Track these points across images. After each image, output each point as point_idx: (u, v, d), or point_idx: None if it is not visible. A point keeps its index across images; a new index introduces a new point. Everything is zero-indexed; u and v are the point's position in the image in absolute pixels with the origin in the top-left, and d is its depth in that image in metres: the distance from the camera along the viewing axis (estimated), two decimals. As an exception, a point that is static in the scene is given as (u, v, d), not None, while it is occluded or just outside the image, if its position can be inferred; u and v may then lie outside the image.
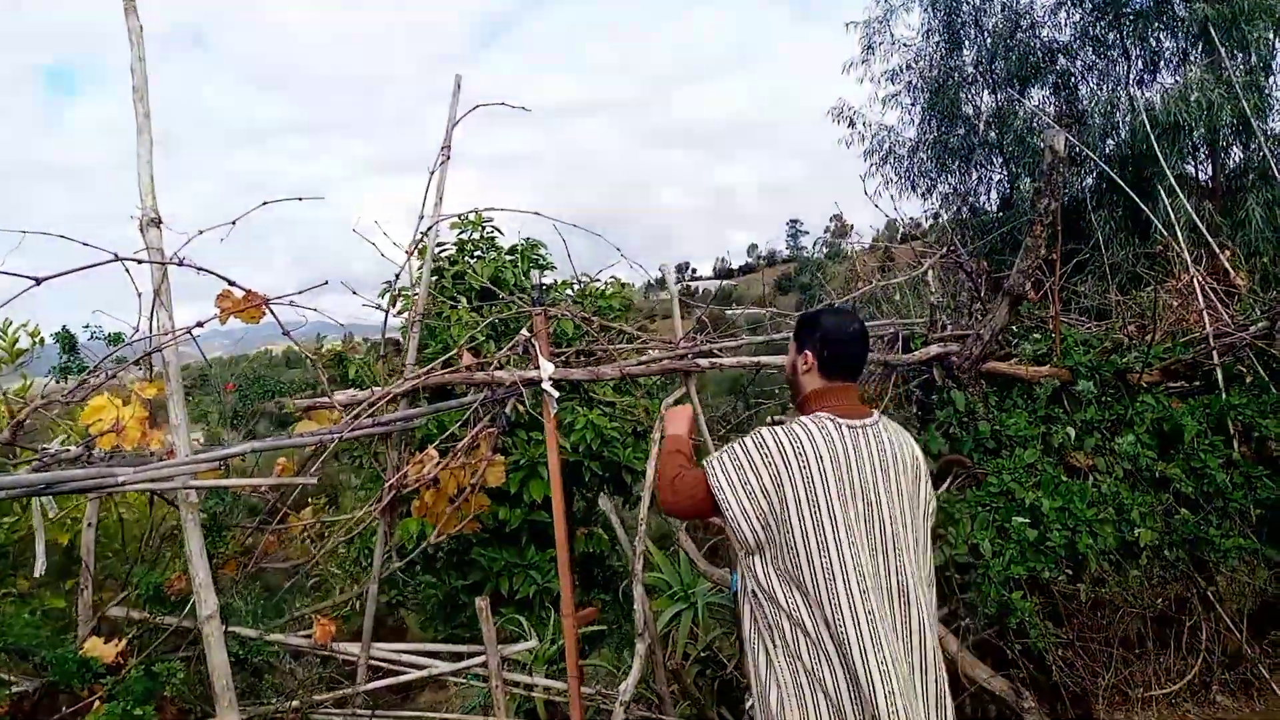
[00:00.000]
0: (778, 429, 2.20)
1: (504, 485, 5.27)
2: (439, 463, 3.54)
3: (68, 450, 2.78)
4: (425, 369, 3.37)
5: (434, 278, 6.04)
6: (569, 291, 6.10)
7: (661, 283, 4.27)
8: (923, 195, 16.15)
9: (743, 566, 2.26)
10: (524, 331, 3.66)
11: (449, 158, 3.66)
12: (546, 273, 6.30)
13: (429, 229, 3.53)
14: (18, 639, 2.85)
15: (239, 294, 2.85)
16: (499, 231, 6.23)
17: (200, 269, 2.88)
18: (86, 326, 3.21)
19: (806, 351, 2.32)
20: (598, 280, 6.17)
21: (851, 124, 16.17)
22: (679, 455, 2.50)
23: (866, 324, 2.63)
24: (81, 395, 2.86)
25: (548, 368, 3.57)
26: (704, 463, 2.27)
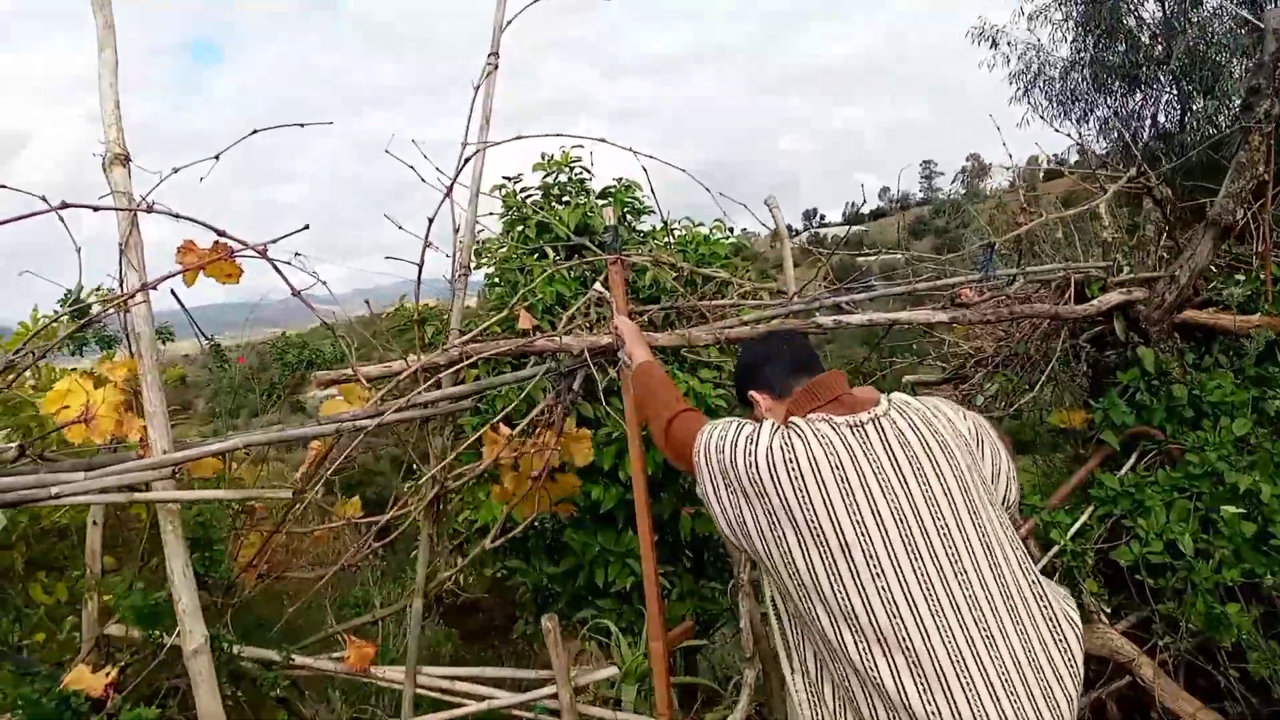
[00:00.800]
0: (770, 439, 1.80)
1: (597, 461, 4.66)
2: (510, 445, 2.90)
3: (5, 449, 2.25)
4: (468, 335, 2.71)
5: (519, 227, 5.42)
6: (668, 239, 5.34)
7: (791, 231, 3.49)
8: (1078, 121, 14.46)
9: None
10: (596, 287, 2.95)
11: (497, 67, 2.95)
12: (643, 218, 5.56)
13: (471, 156, 2.83)
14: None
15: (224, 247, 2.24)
16: (588, 173, 5.52)
17: (177, 215, 2.28)
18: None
19: (753, 394, 2.05)
20: (701, 225, 5.40)
21: (994, 44, 14.60)
22: (666, 387, 2.24)
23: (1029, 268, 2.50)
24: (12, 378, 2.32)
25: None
26: (696, 441, 1.93)
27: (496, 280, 5.15)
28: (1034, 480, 6.08)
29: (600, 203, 5.38)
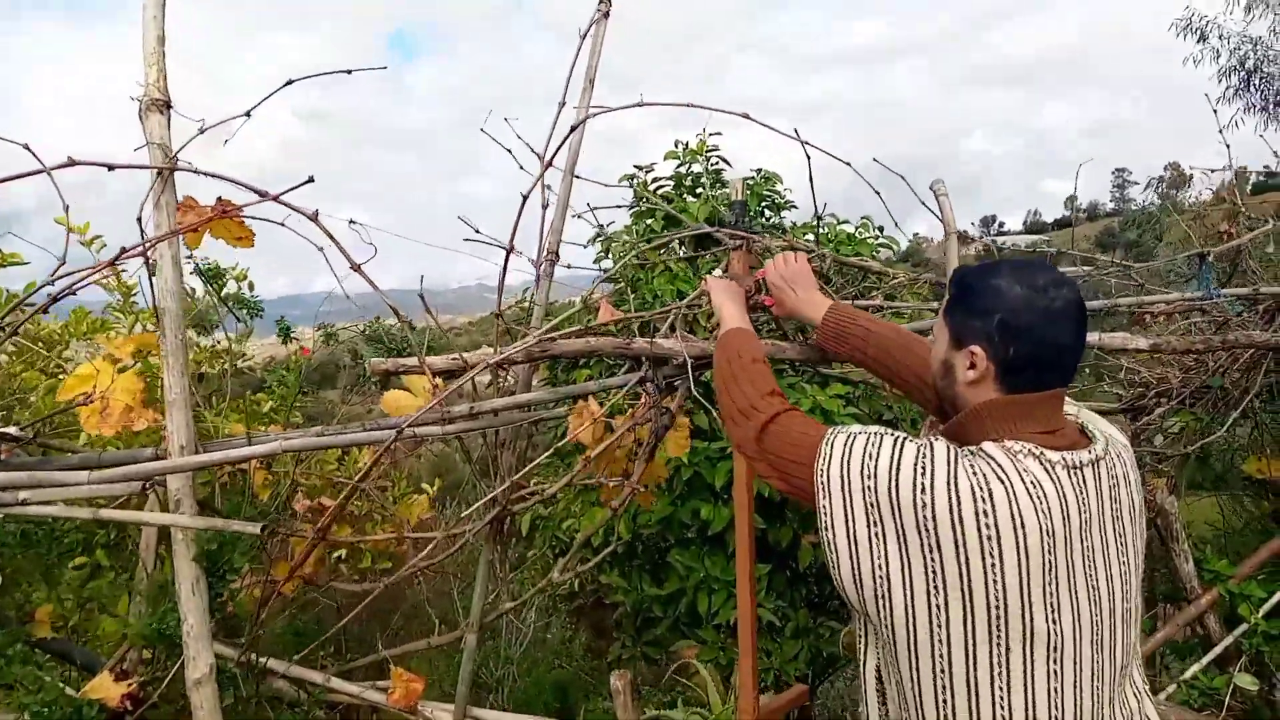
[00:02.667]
0: (955, 471, 1.27)
1: (708, 478, 4.20)
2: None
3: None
4: (543, 330, 2.30)
5: (647, 220, 5.02)
6: (809, 236, 4.80)
7: (965, 237, 2.91)
8: (1300, 124, 12.81)
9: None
10: (714, 273, 2.49)
11: (608, 14, 2.53)
12: (783, 214, 5.04)
13: (577, 127, 2.42)
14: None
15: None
16: (726, 163, 5.05)
17: (206, 173, 1.99)
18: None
19: (974, 348, 1.39)
20: (846, 223, 4.83)
21: (1203, 38, 13.10)
22: (759, 370, 1.68)
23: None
24: None
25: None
26: (824, 445, 1.41)
27: (617, 276, 4.77)
28: (1209, 533, 5.19)
29: (738, 182, 4.90)
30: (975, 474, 1.27)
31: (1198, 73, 13.53)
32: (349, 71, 2.38)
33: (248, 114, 2.11)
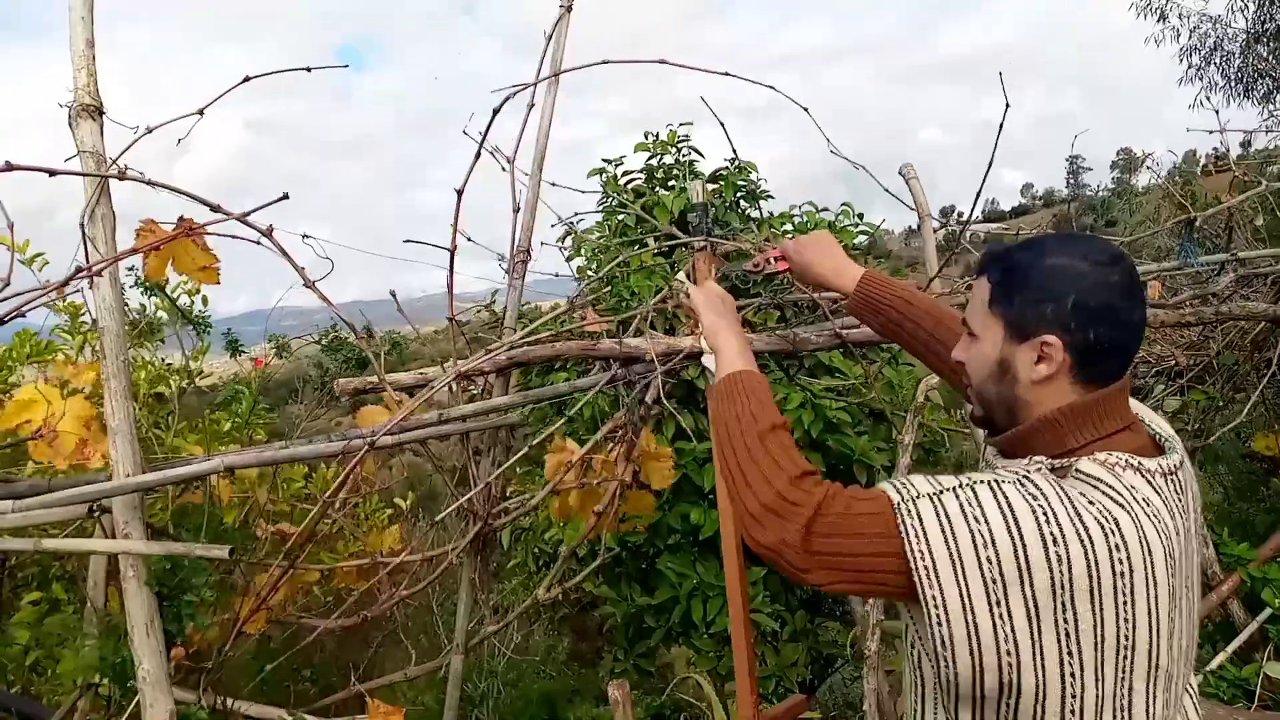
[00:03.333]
0: (1079, 513, 1.05)
1: (697, 481, 4.07)
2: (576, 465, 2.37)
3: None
4: (517, 337, 2.17)
5: (618, 216, 4.89)
6: (788, 226, 4.68)
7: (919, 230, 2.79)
8: (1261, 100, 12.87)
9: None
10: (679, 277, 2.37)
11: (570, 8, 2.40)
12: (759, 205, 4.92)
13: (542, 140, 2.29)
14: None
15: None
16: (699, 154, 4.93)
17: (152, 182, 1.84)
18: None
19: (1046, 339, 1.17)
20: (825, 211, 4.71)
21: (1163, 18, 13.16)
22: (778, 434, 1.29)
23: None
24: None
25: (715, 332, 2.26)
26: (904, 520, 1.10)
27: (591, 274, 4.63)
28: (1221, 514, 5.13)
29: (711, 187, 4.77)
30: (1094, 506, 1.07)
31: (1159, 53, 13.63)
32: (309, 69, 2.24)
33: (200, 112, 1.99)
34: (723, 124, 2.60)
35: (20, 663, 2.69)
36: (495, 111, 1.99)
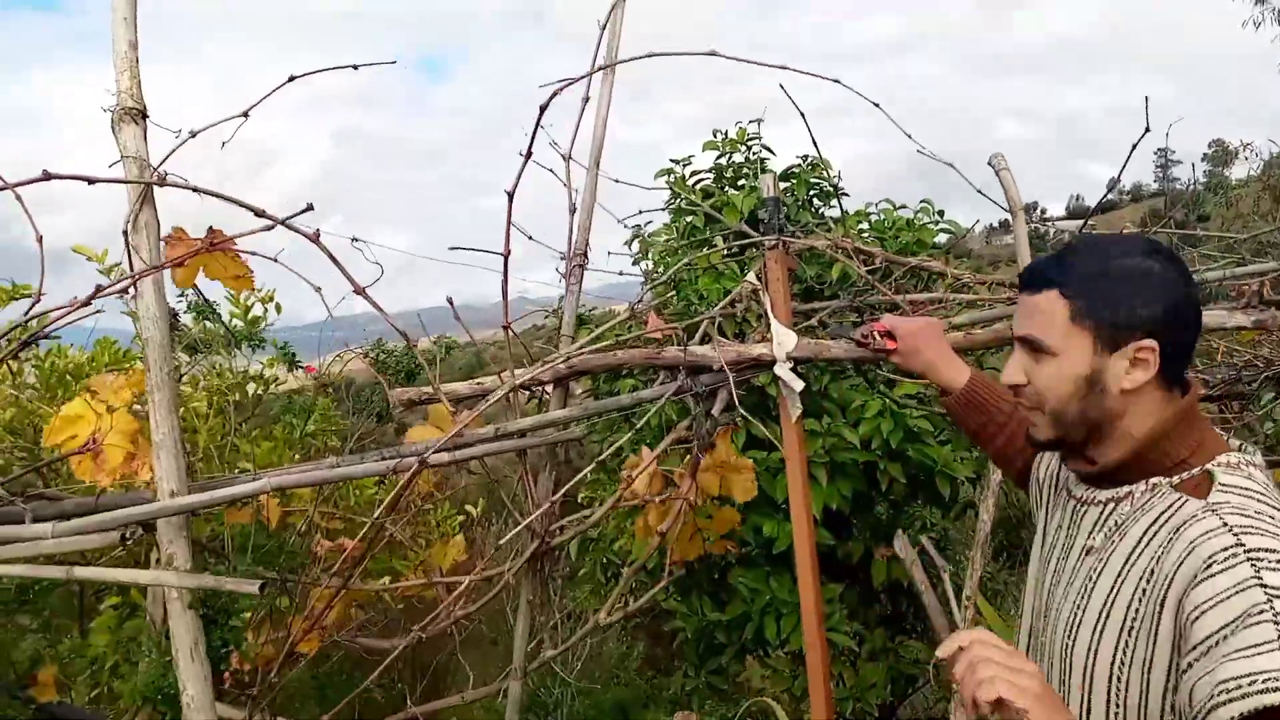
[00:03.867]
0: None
1: (769, 492, 3.90)
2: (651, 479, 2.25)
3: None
4: (575, 346, 2.05)
5: (687, 218, 4.74)
6: (864, 225, 4.47)
7: (1005, 226, 2.61)
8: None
9: None
10: (749, 277, 2.22)
11: (624, -3, 2.28)
12: (832, 203, 4.72)
13: (605, 68, 2.17)
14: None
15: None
16: (770, 152, 4.75)
17: (195, 188, 1.78)
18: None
19: (1143, 344, 1.13)
20: (903, 208, 4.49)
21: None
22: None
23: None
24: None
25: (786, 339, 2.11)
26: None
27: (657, 278, 4.50)
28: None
29: (769, 178, 4.59)
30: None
31: (1258, 36, 12.88)
32: (354, 67, 2.16)
33: (245, 114, 1.93)
34: (802, 113, 2.44)
35: (102, 665, 2.68)
36: (543, 108, 1.87)
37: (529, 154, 1.99)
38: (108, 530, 1.67)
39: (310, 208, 1.66)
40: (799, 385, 2.10)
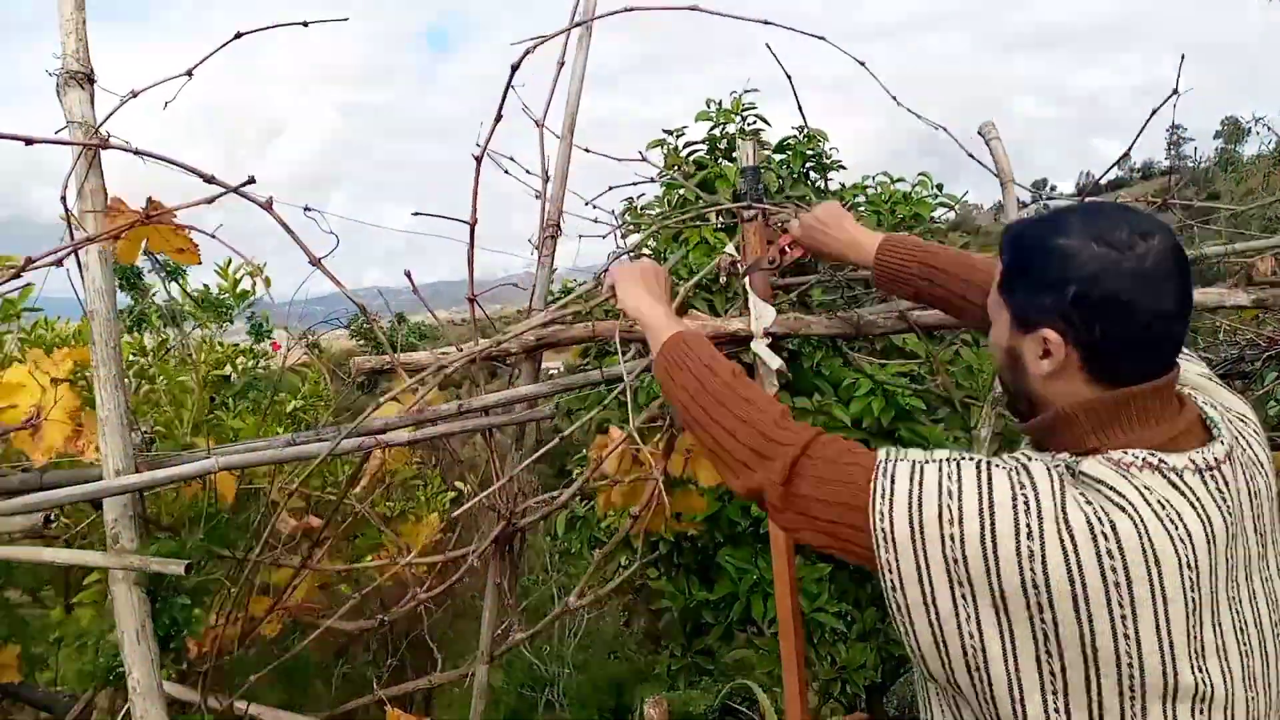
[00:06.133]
0: (1064, 507, 0.95)
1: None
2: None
3: None
4: (542, 316, 1.97)
5: (679, 190, 4.64)
6: (860, 198, 4.38)
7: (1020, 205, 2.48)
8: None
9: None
10: (727, 250, 2.14)
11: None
12: (830, 176, 4.61)
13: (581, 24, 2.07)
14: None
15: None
16: (765, 123, 4.64)
17: (139, 151, 1.70)
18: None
19: (1045, 333, 1.05)
20: (900, 181, 4.39)
21: (1281, -30, 12.14)
22: (743, 380, 1.28)
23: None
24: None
25: (765, 314, 2.03)
26: (878, 479, 1.05)
27: (647, 251, 4.41)
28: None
29: (778, 157, 4.49)
30: (1090, 505, 0.95)
31: (1265, 14, 12.64)
32: (304, 24, 2.06)
33: (189, 73, 1.84)
34: (788, 74, 2.34)
35: (86, 642, 2.64)
36: (514, 68, 1.78)
37: (498, 116, 1.90)
38: (44, 510, 1.61)
39: (252, 180, 1.58)
40: (776, 363, 2.02)
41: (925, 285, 1.56)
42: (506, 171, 2.16)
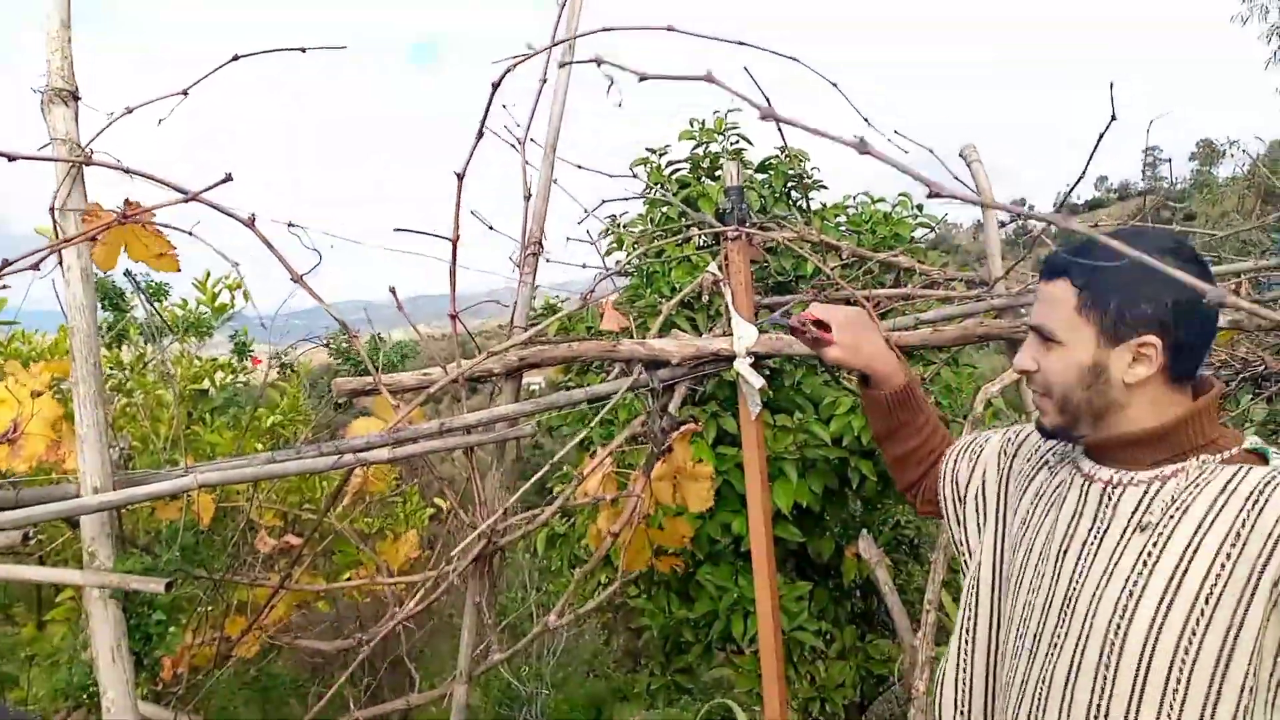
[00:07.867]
0: None
1: (739, 488, 3.84)
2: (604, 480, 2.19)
3: None
4: (520, 338, 1.98)
5: (662, 208, 4.66)
6: (841, 217, 4.41)
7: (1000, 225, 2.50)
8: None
9: None
10: (710, 268, 2.15)
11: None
12: (813, 196, 4.64)
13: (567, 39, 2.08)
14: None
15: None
16: (747, 142, 4.67)
17: (128, 169, 1.69)
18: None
19: (1147, 339, 1.14)
20: (881, 200, 4.43)
21: (1252, -7, 12.44)
22: None
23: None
24: None
25: (747, 334, 2.04)
26: None
27: (629, 270, 4.41)
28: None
29: (760, 176, 4.52)
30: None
31: (1245, 32, 12.91)
32: (303, 49, 2.07)
33: (185, 92, 1.84)
34: (764, 93, 2.35)
35: (58, 659, 2.61)
36: (495, 85, 1.78)
37: (480, 133, 1.91)
38: (20, 528, 1.59)
39: (229, 178, 1.58)
40: (759, 382, 2.03)
41: (923, 422, 1.63)
42: (485, 225, 2.14)
